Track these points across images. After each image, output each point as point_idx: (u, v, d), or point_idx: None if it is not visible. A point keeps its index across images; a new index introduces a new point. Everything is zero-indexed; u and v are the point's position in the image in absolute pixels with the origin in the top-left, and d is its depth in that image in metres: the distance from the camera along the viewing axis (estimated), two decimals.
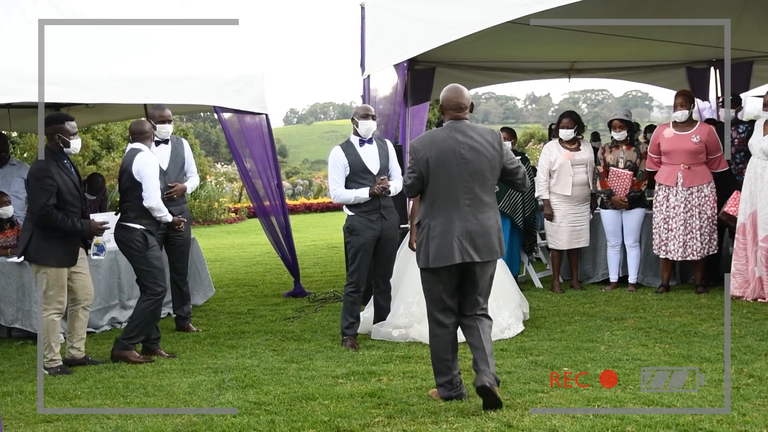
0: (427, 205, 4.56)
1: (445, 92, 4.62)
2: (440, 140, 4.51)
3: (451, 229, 4.45)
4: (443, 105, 4.59)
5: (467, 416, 4.32)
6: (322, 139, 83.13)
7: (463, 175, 4.46)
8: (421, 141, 4.60)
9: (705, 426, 4.02)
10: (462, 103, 4.55)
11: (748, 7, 8.36)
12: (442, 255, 4.46)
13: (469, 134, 4.50)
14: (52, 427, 4.46)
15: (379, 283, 6.41)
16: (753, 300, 7.06)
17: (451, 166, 4.46)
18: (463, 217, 4.46)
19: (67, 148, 5.62)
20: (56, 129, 5.58)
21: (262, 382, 5.14)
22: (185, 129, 28.05)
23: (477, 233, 4.46)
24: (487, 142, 4.51)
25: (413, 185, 4.60)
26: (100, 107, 9.56)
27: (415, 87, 9.67)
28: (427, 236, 4.52)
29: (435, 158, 4.47)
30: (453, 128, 4.53)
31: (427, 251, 4.50)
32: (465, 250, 4.44)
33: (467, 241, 4.45)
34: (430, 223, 4.52)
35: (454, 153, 4.46)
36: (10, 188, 7.92)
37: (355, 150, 6.22)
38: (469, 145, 4.47)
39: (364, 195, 6.12)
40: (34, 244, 5.60)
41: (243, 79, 8.00)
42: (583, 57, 10.66)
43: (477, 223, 4.47)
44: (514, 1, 6.94)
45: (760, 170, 7.06)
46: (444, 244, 4.45)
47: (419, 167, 4.52)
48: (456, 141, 4.48)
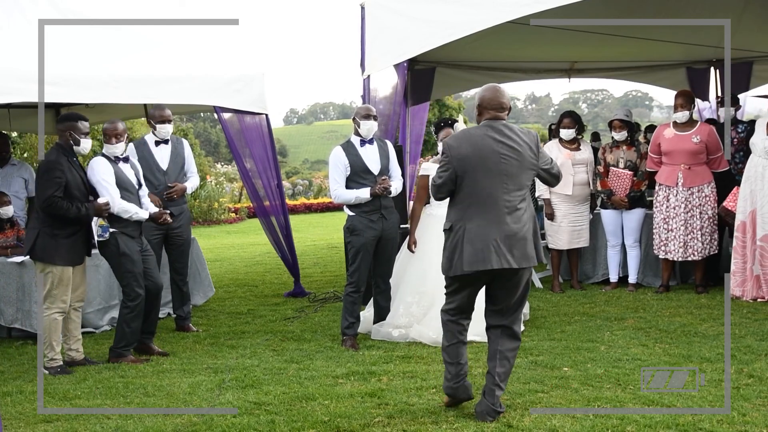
0: (462, 207, 4.30)
1: (485, 92, 4.37)
2: (477, 138, 4.28)
3: (489, 233, 4.20)
4: (482, 104, 4.35)
5: (467, 416, 4.32)
6: (322, 139, 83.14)
7: (501, 175, 4.23)
8: (456, 138, 4.38)
9: (705, 426, 4.02)
10: (504, 103, 4.34)
11: (748, 7, 8.36)
12: (479, 259, 4.20)
13: (507, 134, 4.28)
14: (52, 427, 4.46)
15: (379, 283, 6.41)
16: (752, 299, 7.07)
17: (489, 166, 4.22)
18: (501, 220, 4.22)
19: (77, 146, 5.65)
20: (69, 126, 5.63)
21: (262, 382, 5.14)
22: (185, 129, 28.08)
23: (514, 238, 4.22)
24: (525, 143, 4.30)
25: (444, 184, 4.34)
26: (100, 107, 9.55)
27: (415, 87, 9.66)
28: (461, 240, 4.24)
29: (472, 156, 4.24)
30: (490, 127, 4.29)
31: (462, 256, 4.23)
32: (503, 255, 4.19)
33: (505, 245, 4.20)
34: (466, 226, 4.25)
35: (492, 152, 4.24)
36: (10, 188, 7.92)
37: (355, 150, 6.22)
38: (508, 144, 4.25)
39: (365, 195, 6.12)
40: (41, 243, 5.60)
41: (243, 79, 8.00)
42: (583, 57, 10.65)
43: (515, 227, 4.23)
44: (514, 1, 6.94)
45: (761, 169, 7.06)
46: (481, 248, 4.19)
47: (454, 165, 4.27)
48: (494, 140, 4.25)
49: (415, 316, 6.26)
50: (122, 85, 6.82)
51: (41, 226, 5.61)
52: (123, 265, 5.85)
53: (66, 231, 5.62)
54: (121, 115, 11.41)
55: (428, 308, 6.25)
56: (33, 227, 5.70)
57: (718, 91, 10.29)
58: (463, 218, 4.28)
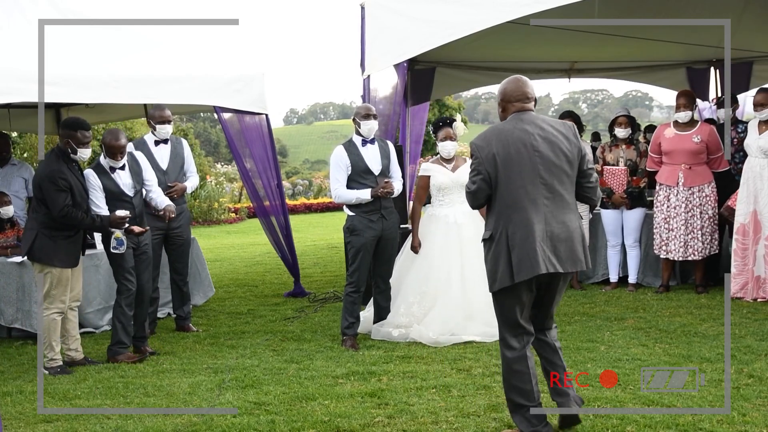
0: (499, 210, 3.90)
1: (507, 84, 4.03)
2: (507, 133, 3.91)
3: (532, 234, 3.81)
4: (505, 98, 4.02)
5: (467, 416, 4.32)
6: (322, 139, 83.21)
7: (537, 169, 3.85)
8: (485, 137, 3.98)
9: (705, 426, 4.02)
10: (528, 92, 3.99)
11: (748, 7, 8.36)
12: (526, 265, 3.80)
13: (539, 125, 3.92)
14: (52, 427, 4.46)
15: (378, 283, 6.41)
16: (753, 300, 7.07)
17: (523, 161, 3.85)
18: (543, 219, 3.84)
19: (74, 155, 5.67)
20: (68, 135, 5.63)
21: (262, 382, 5.14)
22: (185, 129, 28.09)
23: (559, 238, 3.85)
24: (560, 132, 3.93)
25: (480, 190, 3.94)
26: (100, 107, 9.55)
27: (415, 87, 9.67)
28: (506, 247, 3.84)
29: (503, 154, 3.87)
30: (519, 119, 3.94)
31: (509, 265, 3.83)
32: (548, 258, 3.82)
33: (549, 247, 3.83)
34: (508, 231, 3.85)
35: (525, 145, 3.86)
36: (10, 188, 7.92)
37: (357, 150, 6.22)
38: (541, 135, 3.89)
39: (365, 196, 6.12)
40: (39, 244, 5.61)
41: (243, 79, 8.00)
42: (583, 57, 10.65)
43: (559, 226, 3.86)
44: (514, 1, 6.94)
45: (758, 169, 7.07)
46: (526, 252, 3.80)
47: (485, 166, 3.90)
48: (525, 132, 3.88)
49: (416, 316, 6.26)
50: (122, 85, 6.82)
51: (39, 227, 5.62)
52: (113, 260, 5.95)
53: (64, 233, 5.63)
54: (121, 115, 11.46)
55: (429, 309, 6.26)
56: (31, 228, 5.70)
57: (718, 91, 10.29)
58: (504, 223, 3.88)
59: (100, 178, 5.86)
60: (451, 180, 6.46)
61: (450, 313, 6.15)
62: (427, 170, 6.59)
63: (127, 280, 5.94)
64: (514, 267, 3.82)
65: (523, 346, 3.96)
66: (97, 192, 5.83)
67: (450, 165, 6.52)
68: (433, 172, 6.53)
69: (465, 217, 6.44)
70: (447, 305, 6.20)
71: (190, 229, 7.17)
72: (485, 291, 6.29)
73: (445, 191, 6.47)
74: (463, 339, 6.05)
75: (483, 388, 4.81)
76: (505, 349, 3.98)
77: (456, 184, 6.45)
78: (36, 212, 5.71)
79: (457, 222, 6.42)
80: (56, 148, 5.71)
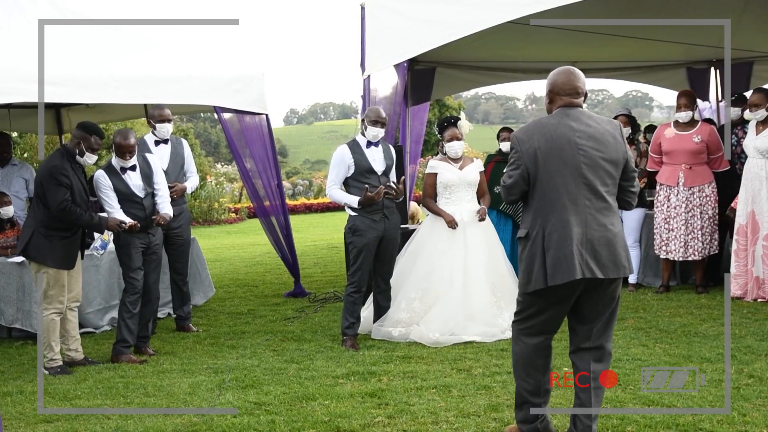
0: (537, 208, 3.70)
1: (557, 75, 3.81)
2: (551, 127, 3.71)
3: (569, 236, 3.59)
4: (553, 90, 3.80)
5: (467, 416, 4.32)
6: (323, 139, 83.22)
7: (580, 168, 3.64)
8: (527, 130, 3.77)
9: (705, 426, 4.02)
10: (579, 87, 3.77)
11: (748, 7, 8.35)
12: (561, 269, 3.58)
13: (585, 121, 3.72)
14: (52, 427, 4.46)
15: (379, 283, 6.40)
16: (753, 300, 7.07)
17: (566, 158, 3.65)
18: (583, 221, 3.62)
19: (81, 157, 5.67)
20: (81, 136, 5.63)
21: (263, 382, 5.14)
22: (185, 129, 28.08)
23: (600, 242, 3.61)
24: (607, 131, 3.73)
25: (515, 184, 3.74)
26: (100, 107, 9.56)
27: (415, 87, 9.66)
28: (541, 248, 3.64)
29: (545, 149, 3.66)
30: (565, 114, 3.73)
31: (543, 267, 3.62)
32: (585, 263, 3.58)
33: (588, 251, 3.60)
34: (545, 231, 3.65)
35: (569, 142, 3.66)
36: (10, 188, 7.92)
37: (361, 150, 6.23)
38: (586, 133, 3.68)
39: (353, 203, 6.12)
40: (34, 243, 5.61)
41: (243, 79, 8.00)
42: (583, 57, 10.64)
43: (600, 229, 3.63)
44: (514, 1, 6.93)
45: (756, 170, 7.08)
46: (563, 254, 3.59)
47: (525, 161, 3.69)
48: (570, 128, 3.68)
49: (417, 312, 6.26)
50: (122, 85, 6.83)
51: (37, 225, 5.62)
52: (120, 257, 5.99)
53: (61, 233, 5.62)
54: (121, 115, 11.46)
55: (430, 306, 6.26)
56: (28, 225, 5.70)
57: (718, 91, 10.29)
58: (540, 222, 3.68)
59: (110, 179, 5.88)
60: (459, 177, 6.47)
61: (451, 313, 6.16)
62: (434, 167, 6.59)
63: (134, 279, 5.96)
64: (548, 269, 3.61)
65: (540, 341, 3.80)
66: (109, 192, 5.87)
67: (458, 164, 6.53)
68: (440, 169, 6.53)
69: (470, 216, 6.45)
70: (448, 304, 6.20)
71: (190, 229, 7.17)
72: (487, 291, 6.36)
73: (452, 189, 6.47)
74: (463, 339, 6.05)
75: (483, 388, 4.81)
76: (516, 344, 3.86)
77: (463, 182, 6.46)
78: (34, 210, 5.71)
79: (463, 220, 6.42)
80: (63, 147, 5.73)
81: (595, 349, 3.78)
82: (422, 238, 6.58)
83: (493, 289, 6.41)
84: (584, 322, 3.77)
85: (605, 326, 3.77)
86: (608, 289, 3.69)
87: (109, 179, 5.89)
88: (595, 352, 3.78)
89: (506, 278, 6.52)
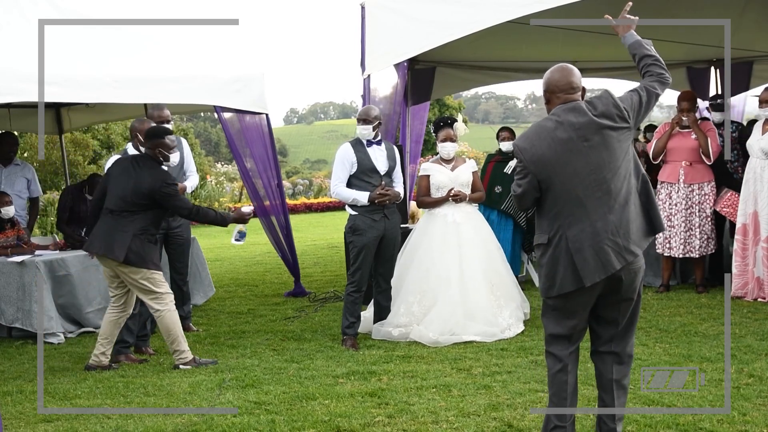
0: (554, 213, 3.63)
1: (552, 74, 3.75)
2: (550, 129, 3.65)
3: (597, 231, 3.55)
4: (549, 89, 3.75)
5: (467, 416, 4.32)
6: (323, 138, 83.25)
7: (588, 165, 3.58)
8: (527, 138, 3.72)
9: (705, 426, 4.02)
10: (574, 82, 3.72)
11: (748, 7, 8.35)
12: (597, 266, 3.53)
13: (585, 111, 3.66)
14: (52, 426, 4.46)
15: (380, 283, 6.41)
16: (753, 300, 7.07)
17: (573, 158, 3.60)
18: (603, 215, 3.56)
19: (167, 162, 5.69)
20: (157, 143, 5.62)
21: (263, 382, 5.14)
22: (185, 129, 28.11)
23: (625, 227, 3.57)
24: (600, 113, 3.66)
25: (526, 193, 3.68)
26: (100, 107, 9.56)
27: (415, 87, 9.66)
28: (566, 251, 3.58)
29: (550, 155, 3.62)
30: (563, 111, 3.68)
31: (572, 269, 3.56)
32: (621, 251, 3.55)
33: (622, 238, 3.56)
34: (566, 234, 3.59)
35: (572, 140, 3.61)
36: (13, 188, 7.93)
37: (364, 149, 6.22)
38: (585, 125, 3.64)
39: (363, 200, 6.11)
40: (135, 249, 5.49)
41: (243, 79, 8.00)
42: (583, 57, 10.63)
43: (623, 217, 3.58)
44: (514, 1, 6.94)
45: (759, 170, 7.08)
46: (596, 251, 3.53)
47: (531, 169, 3.64)
48: (571, 125, 3.62)
49: (416, 315, 6.26)
50: (122, 85, 6.83)
51: (136, 232, 5.52)
52: None
53: (154, 238, 5.68)
54: (121, 115, 11.45)
55: (429, 307, 6.26)
56: (125, 232, 5.49)
57: (718, 90, 10.29)
58: (560, 226, 3.61)
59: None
60: (450, 179, 6.48)
61: (450, 312, 6.16)
62: (426, 170, 6.62)
63: None
64: (581, 270, 3.54)
65: (564, 357, 3.72)
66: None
67: (449, 165, 6.55)
68: (432, 171, 6.55)
69: (464, 217, 6.46)
70: (446, 304, 6.20)
71: (190, 228, 7.17)
72: (485, 289, 6.37)
73: (444, 190, 6.48)
74: (463, 339, 6.05)
75: (483, 387, 4.81)
76: (548, 359, 3.79)
77: (455, 182, 6.48)
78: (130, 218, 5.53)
79: (456, 221, 6.43)
80: (146, 156, 5.67)
81: (616, 355, 3.74)
82: (416, 241, 6.58)
83: (492, 288, 6.42)
84: (608, 323, 3.72)
85: (627, 329, 3.74)
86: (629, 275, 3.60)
87: None
88: (617, 357, 3.74)
89: (505, 277, 6.53)
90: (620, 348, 3.74)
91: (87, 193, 8.07)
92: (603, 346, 3.76)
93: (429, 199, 6.55)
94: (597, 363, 3.81)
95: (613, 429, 3.72)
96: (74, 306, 6.95)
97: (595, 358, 3.82)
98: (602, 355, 3.77)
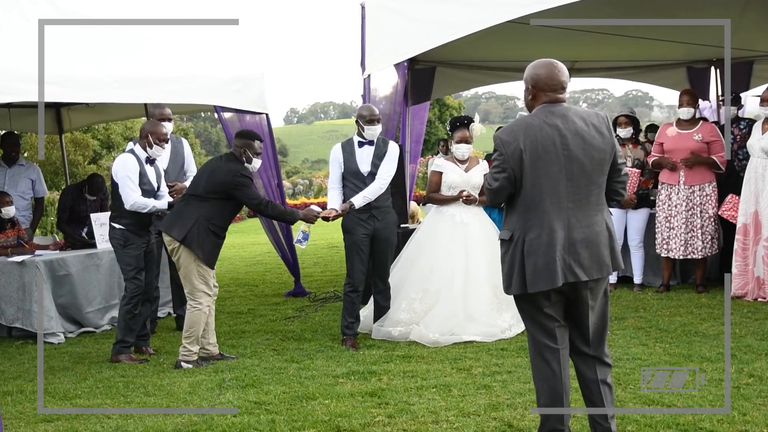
0: (520, 212, 3.60)
1: (538, 69, 3.65)
2: (535, 128, 3.56)
3: (552, 242, 3.52)
4: (536, 86, 3.63)
5: (467, 416, 4.32)
6: (323, 138, 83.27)
7: (566, 170, 3.53)
8: (511, 131, 3.61)
9: (705, 426, 4.02)
10: (564, 82, 3.62)
11: (748, 7, 8.35)
12: (544, 276, 3.52)
13: (572, 118, 3.57)
14: (53, 426, 4.46)
15: (377, 283, 6.41)
16: (753, 300, 7.07)
17: (551, 160, 3.53)
18: (566, 223, 3.54)
19: (249, 164, 5.77)
20: (246, 144, 5.76)
21: (263, 382, 5.14)
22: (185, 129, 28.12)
23: (582, 244, 3.55)
24: (594, 126, 3.59)
25: (502, 188, 3.62)
26: (100, 107, 9.56)
27: (415, 87, 9.66)
28: (520, 253, 3.57)
29: (531, 151, 3.53)
30: (550, 112, 3.59)
31: (522, 273, 3.56)
32: (568, 267, 3.53)
33: (571, 255, 3.53)
34: (525, 237, 3.57)
35: (554, 143, 3.53)
36: (17, 188, 7.93)
37: (352, 149, 6.24)
38: (572, 131, 3.55)
39: (325, 213, 6.17)
40: (195, 231, 5.57)
41: (243, 79, 8.01)
42: (583, 57, 10.65)
43: (583, 230, 3.56)
44: (514, 1, 6.94)
45: (761, 170, 7.08)
46: (546, 262, 3.52)
47: (510, 164, 3.56)
48: (556, 128, 3.54)
49: (417, 313, 6.26)
50: (122, 85, 6.83)
51: (200, 216, 5.60)
52: (124, 257, 5.97)
53: (218, 233, 5.68)
54: (121, 115, 11.46)
55: (431, 306, 6.26)
56: (190, 215, 5.61)
57: (718, 90, 10.29)
58: (521, 227, 3.59)
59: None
60: (464, 180, 6.48)
61: (451, 312, 6.16)
62: (440, 166, 6.59)
63: (137, 279, 5.97)
64: (528, 276, 3.55)
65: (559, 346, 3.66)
66: (135, 175, 5.92)
67: (464, 165, 6.54)
68: (446, 169, 6.53)
69: (472, 217, 6.45)
70: (448, 304, 6.20)
71: None
72: (488, 292, 6.35)
73: (456, 190, 6.47)
74: (463, 339, 6.05)
75: (483, 387, 4.82)
76: (535, 354, 3.73)
77: (467, 184, 6.47)
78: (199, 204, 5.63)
79: (464, 221, 6.42)
80: (233, 154, 5.77)
81: (596, 358, 3.72)
82: (422, 238, 6.58)
83: (495, 290, 6.40)
84: (579, 327, 3.69)
85: (600, 335, 3.71)
86: (588, 290, 3.60)
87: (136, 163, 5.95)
88: (597, 360, 3.72)
89: None
90: (598, 353, 3.71)
91: (87, 193, 8.07)
92: (582, 347, 3.72)
93: (439, 196, 6.54)
94: (578, 364, 3.77)
95: (608, 428, 3.69)
96: (74, 306, 6.94)
97: (575, 359, 3.77)
98: (583, 357, 3.73)
